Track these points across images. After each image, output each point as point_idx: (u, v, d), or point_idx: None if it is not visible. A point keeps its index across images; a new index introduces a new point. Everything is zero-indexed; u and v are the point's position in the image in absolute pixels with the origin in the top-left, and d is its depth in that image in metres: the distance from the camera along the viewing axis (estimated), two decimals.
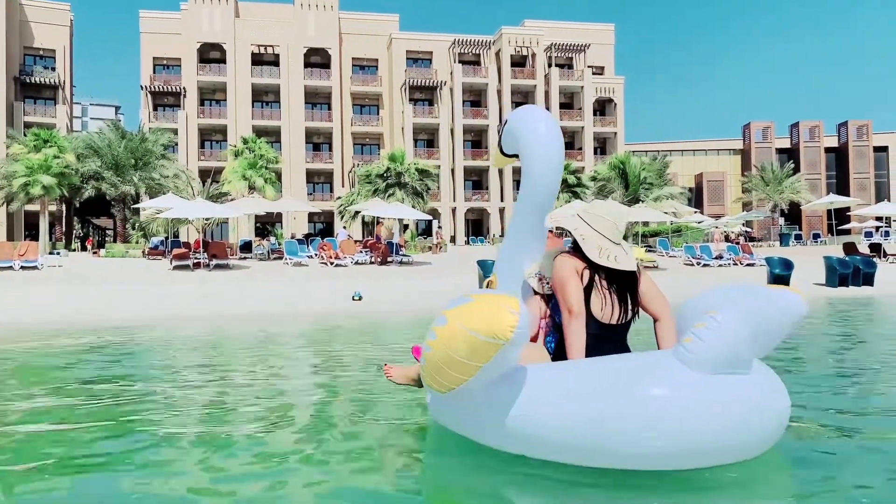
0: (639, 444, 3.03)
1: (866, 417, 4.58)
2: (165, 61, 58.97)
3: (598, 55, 64.57)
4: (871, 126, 70.94)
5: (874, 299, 16.83)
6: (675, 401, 3.02)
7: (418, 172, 39.84)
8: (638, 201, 38.90)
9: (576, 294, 3.57)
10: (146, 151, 44.05)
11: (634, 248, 29.28)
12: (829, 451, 3.75)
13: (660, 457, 3.08)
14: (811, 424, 4.26)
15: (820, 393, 5.37)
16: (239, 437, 4.21)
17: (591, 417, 3.08)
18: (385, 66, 62.15)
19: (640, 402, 3.03)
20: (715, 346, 3.05)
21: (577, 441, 3.13)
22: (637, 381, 3.10)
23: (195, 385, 6.21)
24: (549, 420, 3.19)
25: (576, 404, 3.13)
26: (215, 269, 23.86)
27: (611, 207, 3.80)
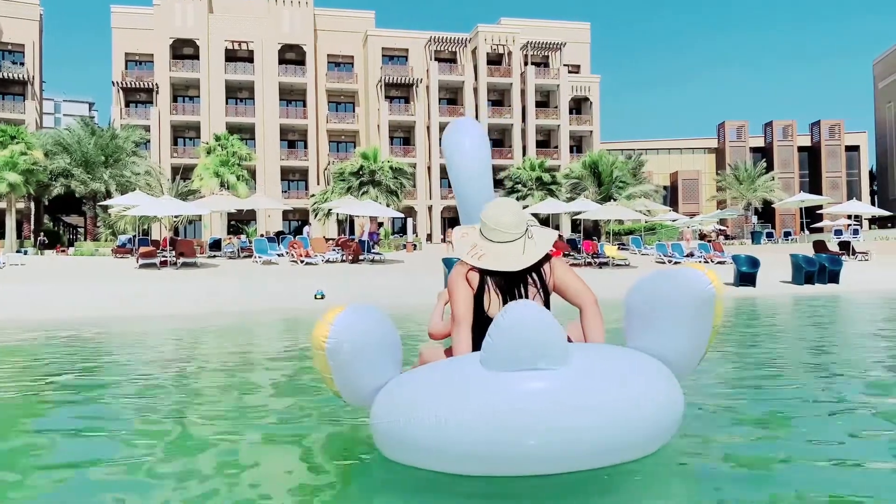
0: (441, 447, 2.97)
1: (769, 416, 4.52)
2: (137, 57, 58.22)
3: (574, 53, 64.68)
4: (842, 125, 71.81)
5: (838, 297, 16.94)
6: (464, 402, 2.93)
7: (392, 170, 39.68)
8: (611, 199, 39.01)
9: (460, 301, 3.50)
10: (117, 148, 43.48)
11: (608, 246, 29.34)
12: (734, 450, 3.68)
13: (462, 461, 3.00)
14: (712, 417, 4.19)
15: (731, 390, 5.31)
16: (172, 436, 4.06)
17: (419, 421, 3.02)
18: (361, 63, 61.84)
19: (437, 403, 2.99)
20: (497, 343, 2.92)
21: (418, 445, 3.07)
22: (444, 382, 3.06)
23: (102, 385, 6.03)
24: (397, 426, 3.11)
25: (411, 408, 3.07)
26: (182, 267, 23.57)
27: (499, 208, 3.66)
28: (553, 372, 2.92)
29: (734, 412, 4.63)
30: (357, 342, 3.13)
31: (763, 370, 6.55)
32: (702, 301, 3.13)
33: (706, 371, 6.28)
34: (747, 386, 5.71)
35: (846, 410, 4.65)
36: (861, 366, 6.70)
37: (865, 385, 5.70)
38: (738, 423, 4.31)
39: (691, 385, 5.42)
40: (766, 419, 4.40)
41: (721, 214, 48.81)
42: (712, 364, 6.78)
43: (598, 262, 26.48)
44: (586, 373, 2.98)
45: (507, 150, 60.88)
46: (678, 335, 3.26)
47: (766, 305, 14.81)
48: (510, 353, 2.89)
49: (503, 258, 3.50)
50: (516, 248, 3.53)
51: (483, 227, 3.61)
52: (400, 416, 3.07)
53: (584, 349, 3.21)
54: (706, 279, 3.11)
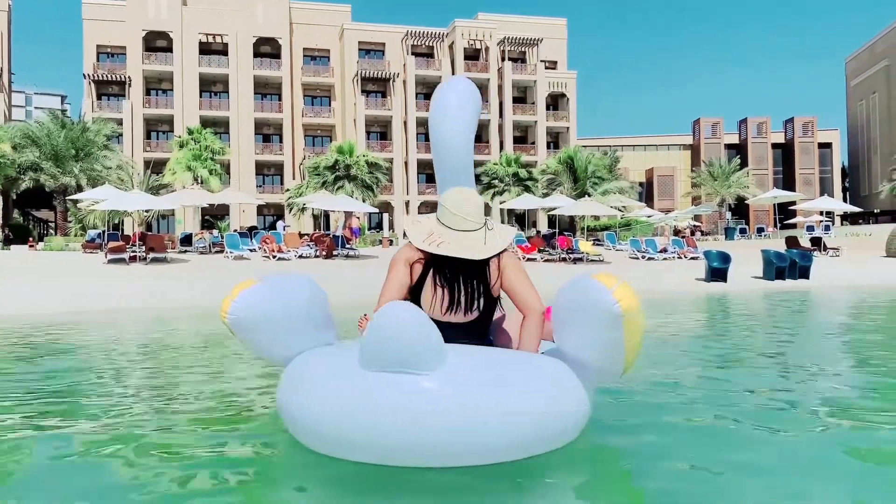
0: (315, 431, 3.07)
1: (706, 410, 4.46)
2: (109, 49, 57.33)
3: (551, 50, 64.74)
4: (815, 123, 72.64)
5: (807, 292, 17.06)
6: (330, 395, 2.99)
7: (368, 165, 39.45)
8: (586, 195, 39.10)
9: (391, 286, 3.39)
10: (88, 142, 42.84)
11: (583, 242, 29.39)
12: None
13: (331, 446, 3.08)
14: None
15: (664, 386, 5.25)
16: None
17: (298, 404, 3.12)
18: (337, 57, 61.43)
19: (311, 390, 3.07)
20: (369, 342, 2.88)
21: (297, 426, 3.18)
22: (324, 371, 3.12)
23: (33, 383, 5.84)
24: (285, 403, 3.22)
25: (294, 390, 3.15)
26: (152, 262, 23.22)
27: (462, 194, 3.53)
28: (417, 376, 2.87)
29: (676, 407, 4.56)
30: (258, 318, 3.14)
31: (714, 364, 6.50)
32: (604, 316, 2.90)
33: (661, 363, 6.22)
34: (702, 378, 5.65)
35: (794, 404, 4.61)
36: (817, 360, 6.68)
37: (817, 379, 5.66)
38: (677, 415, 4.24)
39: (639, 378, 5.35)
40: (702, 414, 4.33)
41: (695, 211, 49.15)
42: (670, 357, 6.73)
43: (573, 258, 26.47)
44: (453, 378, 2.89)
45: (484, 146, 60.80)
46: (584, 345, 3.14)
47: (735, 300, 14.87)
48: (379, 353, 2.86)
49: (465, 246, 3.36)
50: (478, 238, 3.40)
51: (443, 213, 3.47)
52: (287, 395, 3.17)
53: (467, 354, 3.10)
54: (610, 296, 2.86)
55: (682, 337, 8.97)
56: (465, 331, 3.44)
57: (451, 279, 3.38)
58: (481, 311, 3.44)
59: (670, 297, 15.52)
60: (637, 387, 5.10)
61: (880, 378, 5.79)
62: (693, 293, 16.88)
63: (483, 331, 3.52)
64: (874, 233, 36.21)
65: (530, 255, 27.07)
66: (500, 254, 3.44)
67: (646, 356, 6.81)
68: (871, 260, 27.33)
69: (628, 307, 2.85)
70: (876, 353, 7.36)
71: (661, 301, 14.77)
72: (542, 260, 26.95)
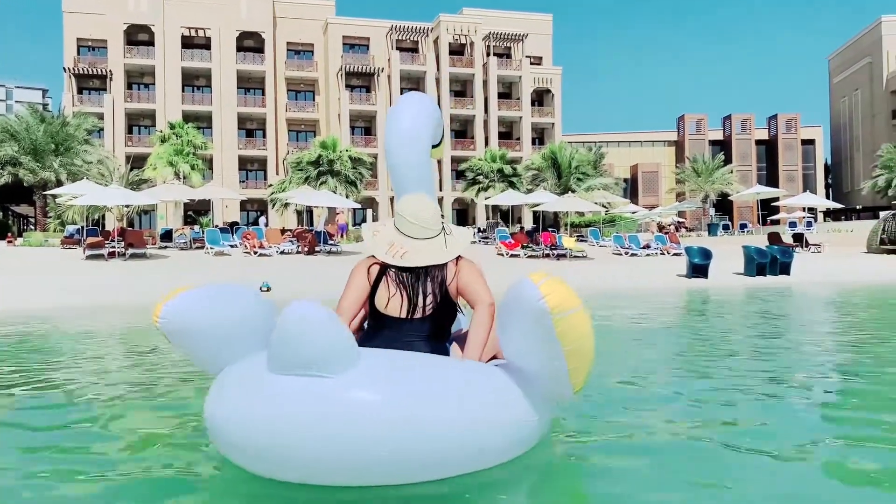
0: (233, 443, 2.87)
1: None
2: (90, 43, 56.65)
3: (536, 45, 64.68)
4: (798, 119, 73.04)
5: (787, 288, 17.09)
6: (239, 401, 2.83)
7: (351, 160, 39.21)
8: (570, 191, 39.06)
9: (349, 291, 3.41)
10: (68, 136, 42.33)
11: (567, 238, 29.33)
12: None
13: (248, 461, 2.91)
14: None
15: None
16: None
17: (215, 414, 2.93)
18: (321, 52, 61.05)
19: (226, 398, 2.91)
20: (274, 343, 2.75)
21: (219, 439, 2.97)
22: (238, 377, 2.96)
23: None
24: (209, 414, 3.00)
25: (216, 399, 2.98)
26: (131, 258, 22.95)
27: (414, 203, 3.48)
28: (321, 379, 2.71)
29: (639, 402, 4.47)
30: (187, 326, 3.03)
31: (676, 363, 6.43)
32: (532, 315, 2.74)
33: (628, 359, 6.14)
34: (668, 373, 5.58)
35: (756, 399, 4.54)
36: (789, 356, 6.63)
37: (786, 374, 5.60)
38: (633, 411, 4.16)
39: (605, 372, 5.26)
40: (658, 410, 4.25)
41: (679, 207, 49.32)
42: (635, 352, 6.66)
43: (556, 254, 26.42)
44: (361, 381, 2.74)
45: (469, 142, 60.71)
46: (521, 350, 3.01)
47: (714, 296, 14.86)
48: (284, 355, 2.72)
49: (428, 253, 3.38)
50: (439, 243, 3.42)
51: (401, 222, 3.46)
52: (210, 405, 2.98)
53: (384, 357, 2.96)
54: (535, 291, 2.70)
55: (656, 331, 8.91)
56: (418, 331, 3.37)
57: (409, 280, 3.37)
58: (437, 309, 3.38)
59: (651, 293, 15.50)
60: (600, 385, 5.01)
61: (847, 379, 5.73)
62: (674, 289, 16.87)
63: (439, 333, 3.45)
64: (856, 229, 36.37)
65: (513, 252, 26.99)
66: (456, 258, 3.46)
67: (615, 352, 6.74)
68: (852, 256, 27.50)
69: (557, 304, 2.69)
70: (846, 355, 7.32)
71: (641, 296, 14.74)
72: (525, 256, 26.87)
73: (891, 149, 55.10)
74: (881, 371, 5.95)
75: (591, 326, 2.93)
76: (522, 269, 22.47)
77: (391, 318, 3.37)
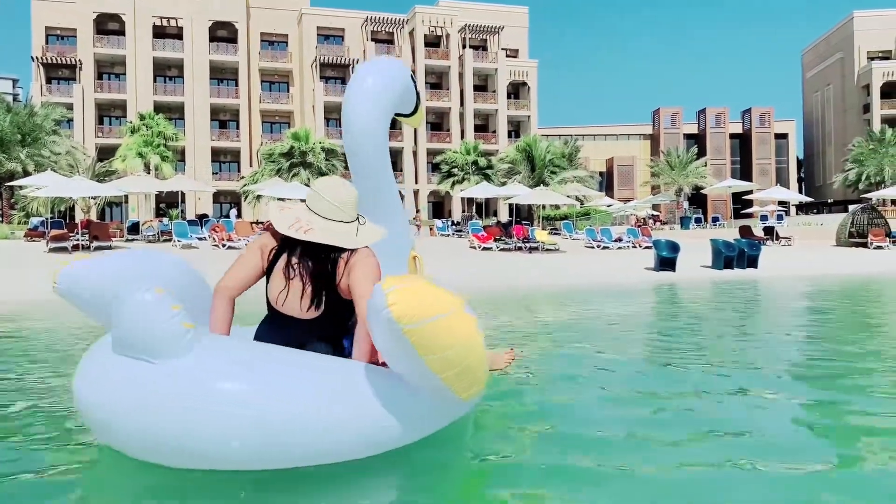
0: (83, 417, 2.98)
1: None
2: (59, 31, 55.55)
3: (513, 38, 64.52)
4: (772, 113, 73.63)
5: (753, 281, 17.15)
6: (85, 381, 2.90)
7: (324, 152, 38.91)
8: (543, 184, 39.06)
9: (235, 268, 3.22)
10: (35, 126, 41.66)
11: (539, 231, 29.30)
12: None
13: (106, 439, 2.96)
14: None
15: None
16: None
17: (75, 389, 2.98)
18: (295, 43, 60.42)
19: (77, 371, 3.00)
20: (113, 325, 2.79)
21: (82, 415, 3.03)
22: (89, 351, 3.04)
23: None
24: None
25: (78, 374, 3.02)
26: (96, 251, 22.55)
27: (332, 182, 3.30)
28: (144, 365, 2.73)
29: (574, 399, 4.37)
30: (82, 290, 3.18)
31: (624, 357, 6.36)
32: (381, 324, 2.65)
33: (571, 351, 6.05)
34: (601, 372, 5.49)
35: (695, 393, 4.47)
36: (739, 351, 6.58)
37: (733, 370, 5.53)
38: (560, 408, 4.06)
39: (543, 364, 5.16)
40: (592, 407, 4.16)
41: (653, 200, 49.52)
42: (577, 344, 6.58)
43: (529, 247, 26.37)
44: (188, 369, 2.70)
45: (445, 134, 60.50)
46: (384, 352, 2.90)
47: (679, 289, 14.87)
48: (119, 336, 2.76)
49: (333, 234, 3.13)
50: (349, 230, 3.19)
51: (313, 198, 3.24)
52: (74, 378, 3.01)
53: (225, 347, 2.89)
54: (382, 300, 2.60)
55: (615, 324, 8.85)
56: (309, 328, 3.20)
57: (298, 271, 3.15)
58: (327, 308, 3.18)
59: (617, 286, 15.48)
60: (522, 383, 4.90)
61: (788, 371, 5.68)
62: (640, 282, 16.86)
63: (330, 332, 3.26)
64: (825, 222, 36.83)
65: (486, 245, 26.91)
66: (353, 251, 3.19)
67: (567, 346, 6.65)
68: (821, 249, 27.72)
69: (402, 315, 2.57)
70: (801, 348, 7.29)
71: (606, 289, 14.72)
72: (497, 249, 26.77)
73: (861, 143, 55.81)
74: (832, 362, 5.91)
75: (467, 334, 2.80)
76: (494, 262, 22.40)
77: (284, 316, 3.20)
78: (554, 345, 7.20)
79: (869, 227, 28.83)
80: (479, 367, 2.96)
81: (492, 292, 14.40)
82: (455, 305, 2.76)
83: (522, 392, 4.67)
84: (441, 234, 34.20)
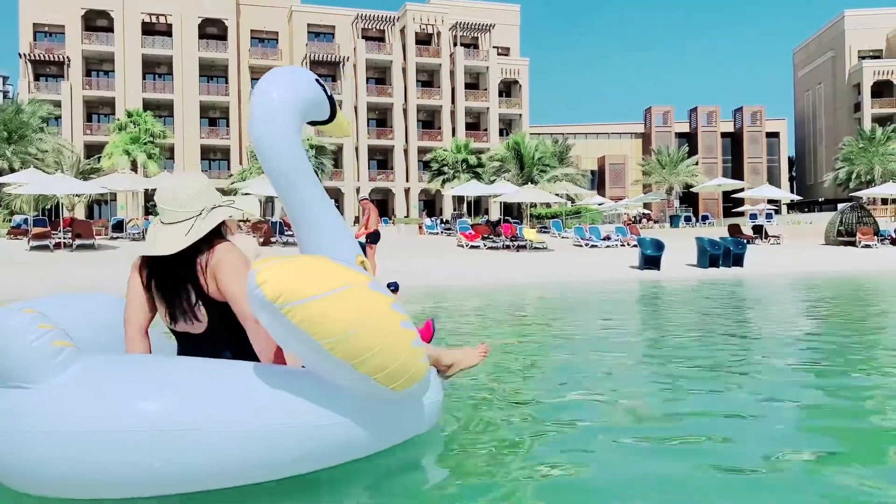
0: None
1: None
2: (47, 28, 55.20)
3: (504, 36, 64.40)
4: (764, 112, 73.69)
5: (737, 279, 17.06)
6: None
7: (313, 149, 38.68)
8: (532, 182, 38.93)
9: (128, 299, 2.98)
10: (22, 124, 41.33)
11: (527, 229, 29.17)
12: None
13: None
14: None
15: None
16: None
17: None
18: (285, 40, 60.19)
19: None
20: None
21: None
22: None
23: None
24: None
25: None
26: (78, 249, 22.35)
27: (172, 181, 3.06)
28: (12, 391, 2.47)
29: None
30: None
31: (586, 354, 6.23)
32: (257, 306, 2.46)
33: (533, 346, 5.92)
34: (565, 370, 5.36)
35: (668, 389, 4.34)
36: (709, 349, 6.46)
37: (699, 369, 5.41)
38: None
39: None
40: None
41: (644, 199, 49.45)
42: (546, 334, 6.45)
43: (517, 246, 26.25)
44: (57, 392, 2.45)
45: (436, 132, 60.36)
46: (286, 347, 2.68)
47: (662, 288, 14.76)
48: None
49: (161, 242, 2.84)
50: (180, 230, 2.84)
51: (158, 203, 2.96)
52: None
53: (106, 364, 2.63)
54: (253, 280, 2.41)
55: (595, 322, 8.73)
56: (199, 344, 2.94)
57: (159, 285, 2.91)
58: (209, 320, 2.90)
59: (599, 285, 15.35)
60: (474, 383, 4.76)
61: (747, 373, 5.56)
62: (623, 280, 16.75)
63: (222, 344, 2.95)
64: (815, 221, 36.82)
65: (473, 243, 26.78)
66: (209, 250, 2.85)
67: (538, 346, 6.52)
68: (809, 248, 27.66)
69: (277, 293, 2.37)
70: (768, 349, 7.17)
71: (587, 287, 14.59)
72: (485, 248, 26.65)
73: (852, 142, 55.84)
74: (811, 359, 5.79)
75: (373, 314, 2.57)
76: (478, 259, 22.29)
77: (179, 333, 2.98)
78: (514, 339, 7.07)
79: (858, 225, 28.77)
80: (400, 352, 2.69)
81: (469, 289, 14.27)
82: (352, 281, 2.55)
83: (486, 391, 4.54)
84: (430, 232, 34.09)
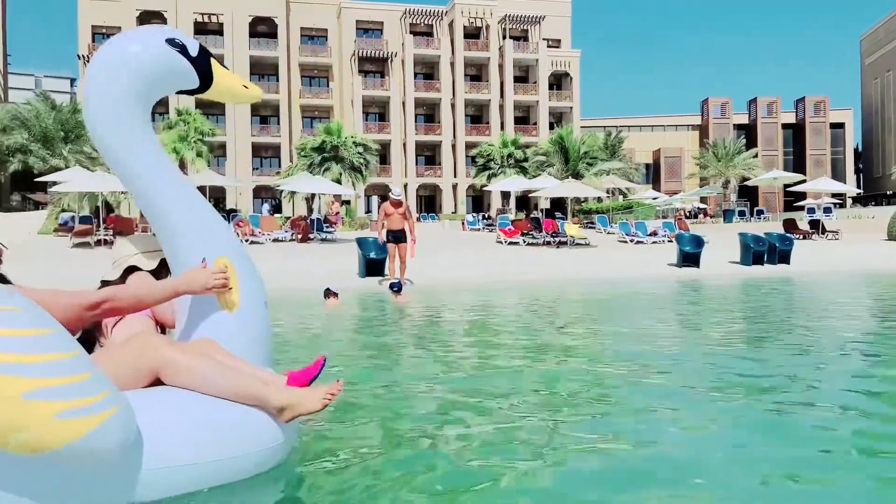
0: None
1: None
2: (105, 30, 56.63)
3: (554, 27, 63.36)
4: (828, 102, 70.84)
5: (783, 277, 16.12)
6: None
7: (357, 146, 38.60)
8: (578, 176, 38.06)
9: None
10: (77, 124, 42.45)
11: (570, 225, 28.45)
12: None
13: None
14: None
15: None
16: None
17: None
18: (335, 37, 60.47)
19: None
20: None
21: None
22: None
23: None
24: None
25: None
26: None
27: None
28: None
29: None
30: None
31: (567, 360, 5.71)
32: None
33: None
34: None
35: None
36: (707, 358, 5.86)
37: (693, 376, 4.85)
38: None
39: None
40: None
41: (700, 192, 47.94)
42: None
43: (557, 242, 25.59)
44: None
45: (484, 127, 59.83)
46: None
47: (691, 286, 14.01)
48: None
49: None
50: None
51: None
52: None
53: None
54: None
55: (608, 322, 8.19)
56: None
57: None
58: None
59: (626, 284, 14.66)
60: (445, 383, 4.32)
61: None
62: (656, 279, 16.00)
63: None
64: (877, 215, 34.90)
65: (512, 239, 26.25)
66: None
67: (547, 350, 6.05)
68: (868, 243, 26.19)
69: None
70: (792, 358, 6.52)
71: (610, 289, 13.93)
72: (524, 244, 26.06)
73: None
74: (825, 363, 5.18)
75: None
76: (511, 257, 21.73)
77: None
78: (493, 338, 6.61)
79: None
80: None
81: (469, 288, 13.79)
82: None
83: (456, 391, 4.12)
84: (471, 228, 33.74)
